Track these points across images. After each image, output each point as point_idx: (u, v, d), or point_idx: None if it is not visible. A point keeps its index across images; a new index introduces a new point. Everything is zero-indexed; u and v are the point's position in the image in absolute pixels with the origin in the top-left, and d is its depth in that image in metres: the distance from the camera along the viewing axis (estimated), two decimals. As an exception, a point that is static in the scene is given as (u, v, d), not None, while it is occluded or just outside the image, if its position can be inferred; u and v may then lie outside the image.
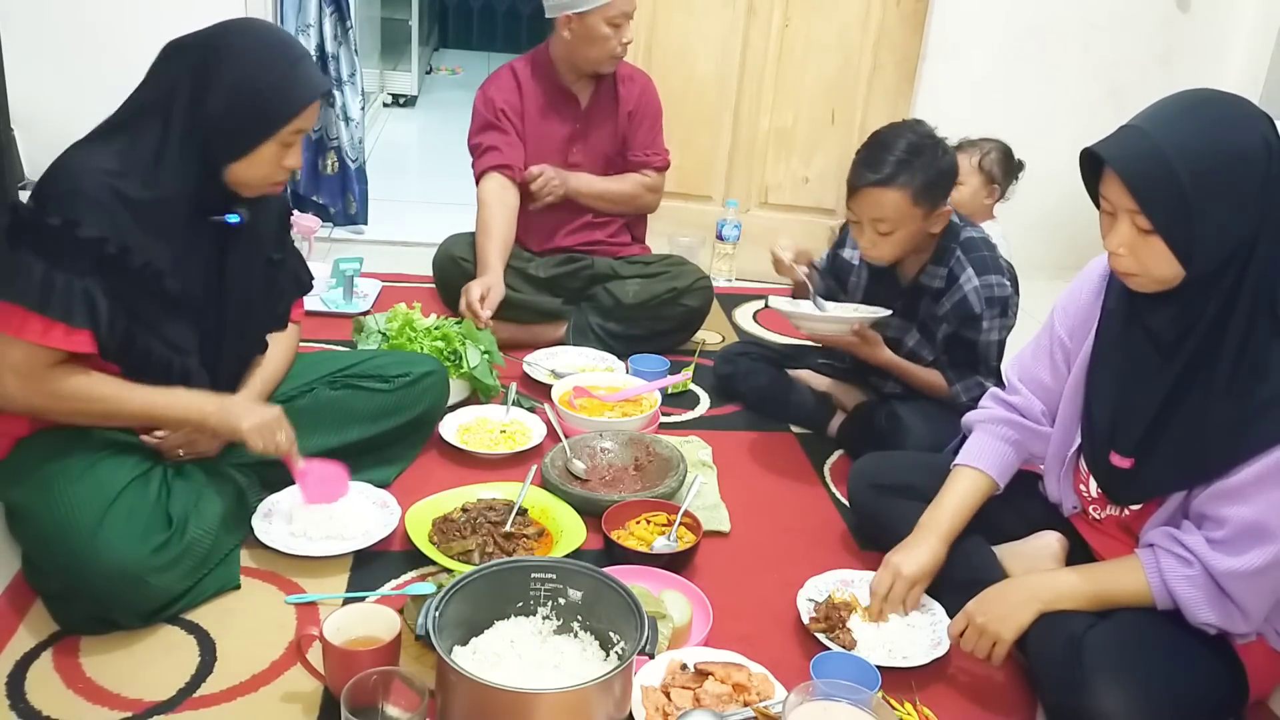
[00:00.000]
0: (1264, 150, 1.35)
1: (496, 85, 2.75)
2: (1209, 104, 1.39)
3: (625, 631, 1.44)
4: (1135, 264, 1.43)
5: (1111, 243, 1.44)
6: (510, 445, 2.22)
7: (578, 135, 2.79)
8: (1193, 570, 1.45)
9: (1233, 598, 1.43)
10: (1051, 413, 1.73)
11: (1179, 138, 1.35)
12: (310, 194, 3.63)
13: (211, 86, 1.60)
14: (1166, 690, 1.43)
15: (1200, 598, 1.45)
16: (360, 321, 2.44)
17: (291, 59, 1.66)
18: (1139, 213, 1.38)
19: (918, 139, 2.06)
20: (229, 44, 1.63)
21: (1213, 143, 1.35)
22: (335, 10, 3.51)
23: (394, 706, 1.36)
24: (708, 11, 3.38)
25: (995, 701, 1.63)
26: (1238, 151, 1.35)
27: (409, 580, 1.79)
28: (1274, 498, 1.38)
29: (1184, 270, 1.40)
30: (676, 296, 2.79)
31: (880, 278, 2.27)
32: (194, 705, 1.48)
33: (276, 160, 1.67)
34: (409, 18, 6.19)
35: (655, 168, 2.87)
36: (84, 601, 1.57)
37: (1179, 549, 1.47)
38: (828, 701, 1.31)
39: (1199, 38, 3.51)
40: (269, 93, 1.62)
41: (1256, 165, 1.35)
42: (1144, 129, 1.38)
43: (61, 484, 1.60)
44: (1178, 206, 1.35)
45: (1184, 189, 1.34)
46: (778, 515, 2.12)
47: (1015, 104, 3.54)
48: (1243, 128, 1.36)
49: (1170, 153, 1.34)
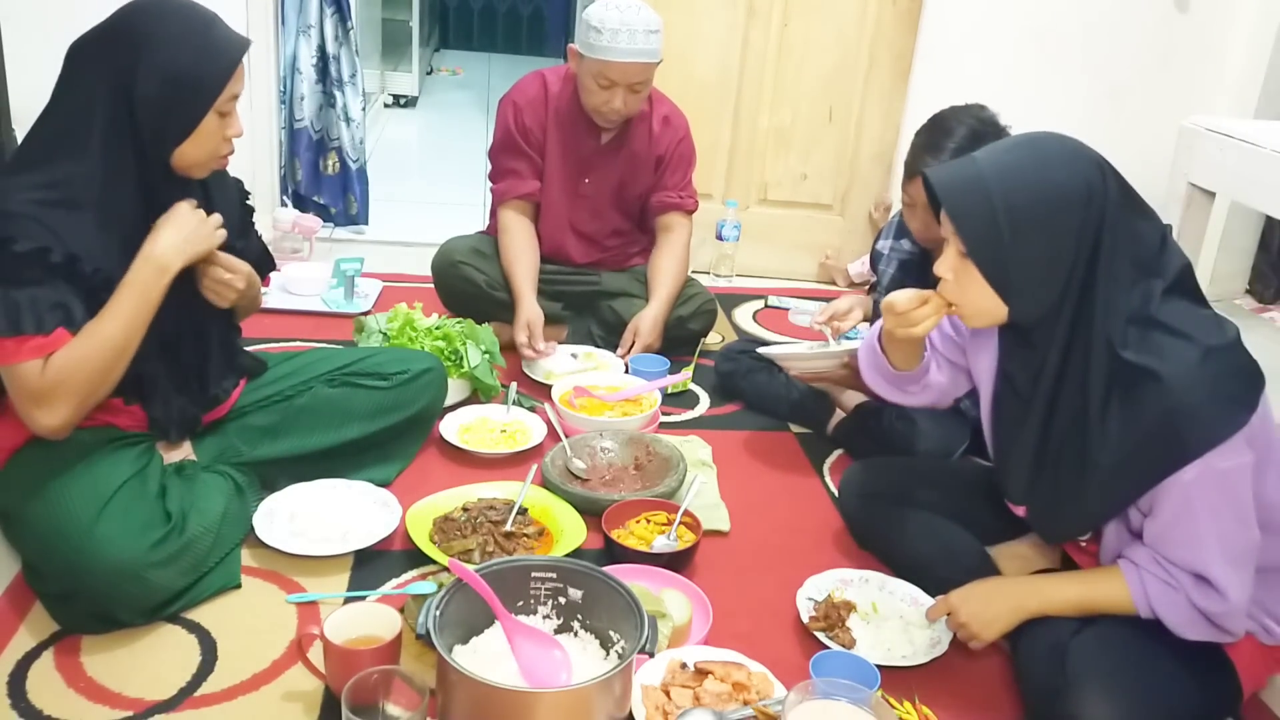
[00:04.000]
0: (1084, 192, 1.37)
1: (525, 96, 2.65)
2: (1039, 143, 1.43)
3: (625, 630, 1.45)
4: (958, 292, 1.47)
5: (939, 267, 1.48)
6: (511, 445, 2.22)
7: (593, 167, 2.69)
8: (1178, 596, 1.43)
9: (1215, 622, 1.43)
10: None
11: (1001, 168, 1.40)
12: (311, 194, 3.63)
13: (138, 77, 1.56)
14: (1152, 698, 1.41)
15: (1187, 619, 1.44)
16: (361, 321, 2.45)
17: (205, 25, 1.62)
18: (956, 234, 1.42)
19: (980, 125, 2.03)
20: (141, 30, 1.58)
21: (1032, 177, 1.38)
22: (336, 11, 3.52)
23: (395, 705, 1.36)
24: (708, 12, 3.39)
25: (994, 700, 1.64)
26: (1055, 189, 1.38)
27: (410, 579, 1.79)
28: (1197, 530, 1.39)
29: (1005, 304, 1.43)
30: (683, 321, 2.77)
31: (907, 269, 2.28)
32: (195, 704, 1.48)
33: (219, 132, 1.64)
34: (410, 18, 6.18)
35: (687, 210, 2.78)
36: (84, 600, 1.57)
37: (1165, 575, 1.45)
38: (827, 700, 1.31)
39: (1197, 38, 3.51)
40: (197, 66, 1.58)
41: (1074, 206, 1.37)
42: (975, 158, 1.43)
43: (57, 485, 1.60)
44: (989, 231, 1.38)
45: (996, 214, 1.37)
46: (777, 514, 2.13)
47: (1013, 103, 3.50)
48: (1066, 169, 1.39)
49: (990, 180, 1.39)
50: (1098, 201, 1.38)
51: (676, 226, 2.77)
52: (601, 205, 2.74)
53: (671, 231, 2.77)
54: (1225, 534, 1.38)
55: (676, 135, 2.71)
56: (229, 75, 1.62)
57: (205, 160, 1.67)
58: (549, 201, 2.70)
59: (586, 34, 2.45)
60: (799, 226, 3.64)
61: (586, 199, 2.72)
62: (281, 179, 3.59)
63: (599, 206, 2.74)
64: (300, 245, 3.31)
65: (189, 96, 1.60)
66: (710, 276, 3.53)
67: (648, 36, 2.43)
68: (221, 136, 1.66)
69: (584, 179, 2.70)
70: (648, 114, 2.68)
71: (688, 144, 2.75)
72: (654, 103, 2.69)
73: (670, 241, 2.76)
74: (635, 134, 2.67)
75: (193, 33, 1.60)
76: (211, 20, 1.64)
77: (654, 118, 2.69)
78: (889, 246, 2.36)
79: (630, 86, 2.48)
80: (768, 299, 3.42)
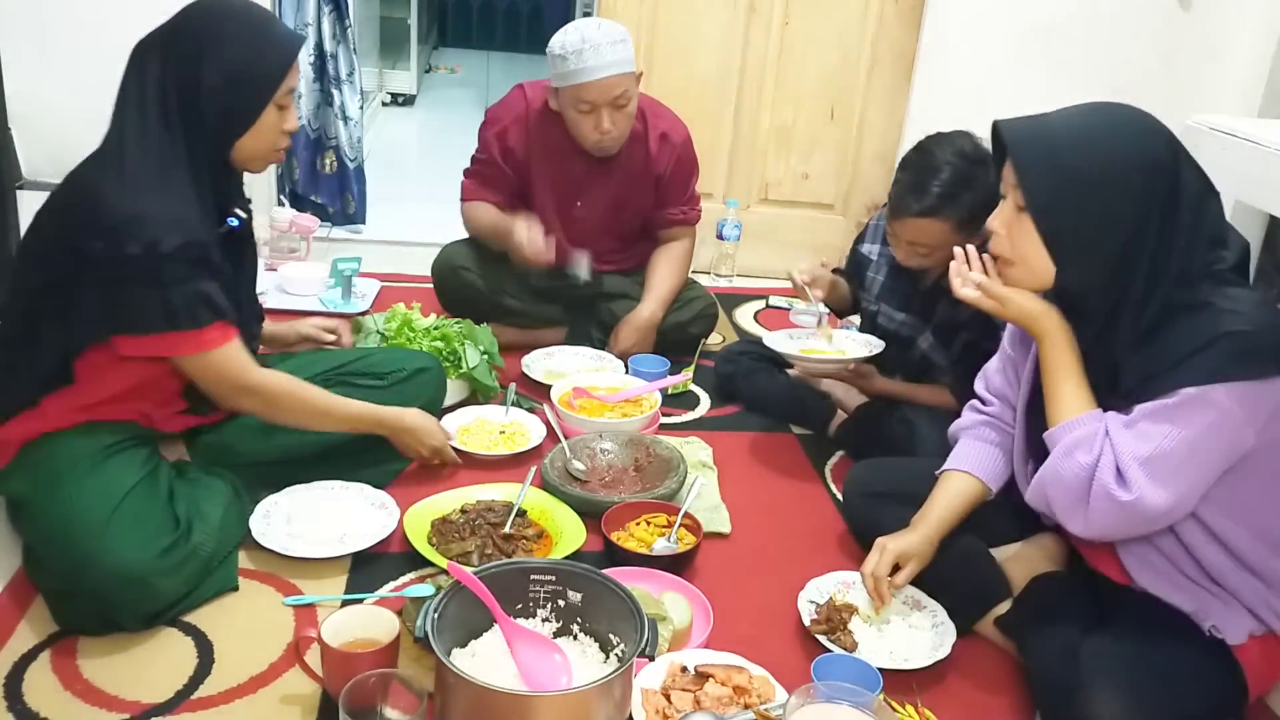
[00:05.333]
0: (1151, 163, 1.38)
1: (509, 114, 2.59)
2: (1114, 111, 1.44)
3: (625, 634, 1.44)
4: (1010, 247, 1.48)
5: (993, 221, 1.49)
6: (510, 446, 2.21)
7: (584, 190, 2.63)
8: (1088, 459, 1.41)
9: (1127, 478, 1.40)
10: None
11: (1073, 129, 1.42)
12: (309, 193, 3.62)
13: (202, 74, 1.63)
14: (1163, 699, 1.42)
15: (1073, 476, 1.42)
16: (359, 321, 2.43)
17: (263, 23, 1.71)
18: (1017, 186, 1.42)
19: (965, 165, 1.98)
20: (202, 29, 1.65)
21: (1103, 142, 1.40)
22: (334, 9, 3.51)
23: (393, 709, 1.35)
24: (709, 10, 3.38)
25: (997, 704, 1.63)
26: (1123, 157, 1.39)
27: (408, 582, 1.78)
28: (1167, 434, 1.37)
29: (1053, 265, 1.43)
30: (682, 326, 2.77)
31: (899, 276, 2.26)
32: (192, 707, 1.47)
33: (278, 125, 1.72)
34: (408, 16, 6.18)
35: (690, 223, 2.75)
36: (85, 600, 1.56)
37: (1096, 440, 1.42)
38: (829, 704, 1.30)
39: (1201, 36, 3.50)
40: (256, 62, 1.66)
41: (1135, 177, 1.38)
42: (1049, 116, 1.44)
43: (70, 481, 1.60)
44: (1052, 187, 1.40)
45: (1060, 170, 1.39)
46: (779, 516, 2.12)
47: (1014, 102, 3.48)
48: (1137, 140, 1.40)
49: (1060, 138, 1.41)
50: (1165, 175, 1.38)
51: (680, 236, 2.77)
52: (597, 226, 2.70)
53: (674, 240, 2.77)
54: (1181, 453, 1.36)
55: (675, 151, 2.65)
56: (286, 70, 1.69)
57: (264, 153, 1.74)
58: (541, 222, 2.63)
59: (555, 65, 2.41)
60: (800, 226, 3.63)
61: (581, 220, 2.68)
62: (279, 178, 3.58)
63: (594, 228, 2.70)
64: (297, 245, 3.29)
65: (250, 91, 1.67)
66: (711, 276, 3.52)
67: (614, 48, 2.38)
68: (280, 130, 1.73)
69: (576, 202, 2.66)
70: (642, 133, 2.61)
71: (689, 157, 2.70)
72: (650, 119, 2.62)
73: (671, 248, 2.76)
74: (630, 154, 2.60)
75: (251, 30, 1.67)
76: (268, 18, 1.74)
77: (650, 136, 2.62)
78: (877, 252, 2.33)
79: (612, 103, 2.42)
80: (769, 299, 3.41)
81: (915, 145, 2.09)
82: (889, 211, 2.09)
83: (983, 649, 1.73)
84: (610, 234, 2.74)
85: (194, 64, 1.62)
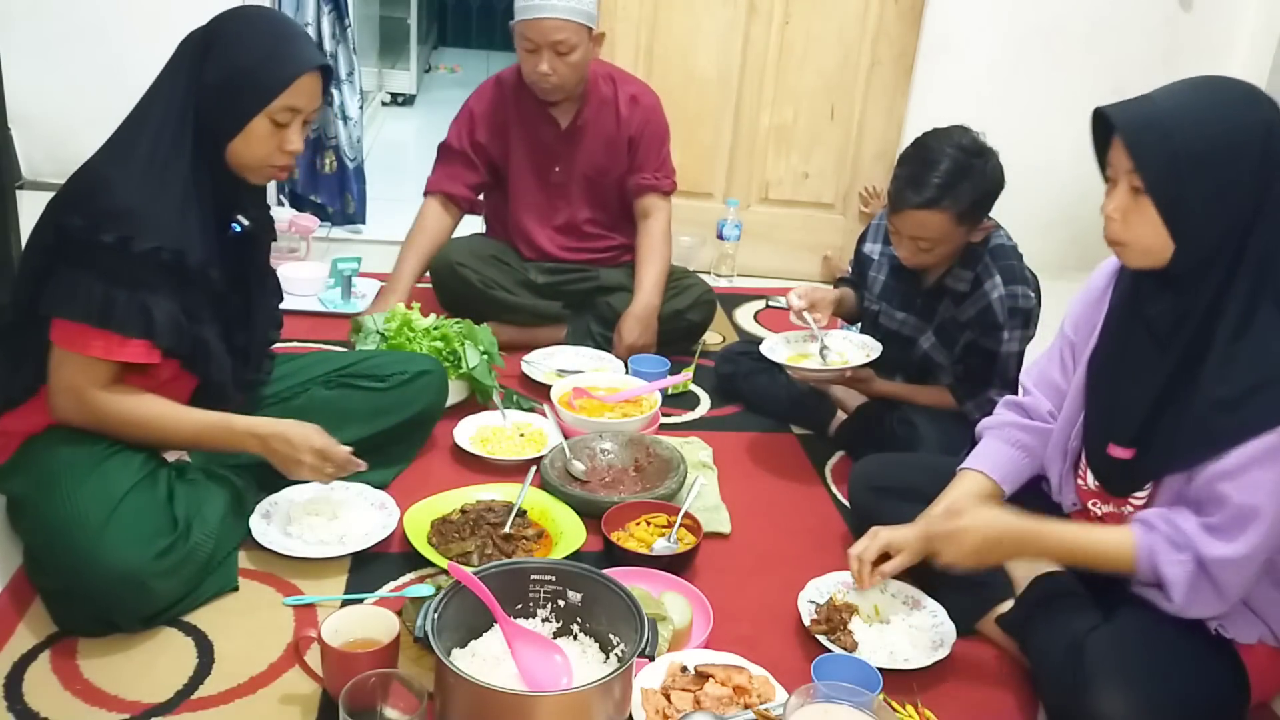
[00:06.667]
0: (1262, 131, 1.38)
1: (481, 101, 2.71)
2: (1218, 83, 1.44)
3: (625, 634, 1.44)
4: (1125, 230, 1.46)
5: (1106, 206, 1.48)
6: (535, 449, 2.19)
7: (559, 156, 2.71)
8: (1184, 555, 1.43)
9: (1217, 583, 1.42)
10: (1059, 411, 1.73)
11: (1181, 106, 1.41)
12: (308, 193, 3.62)
13: (207, 66, 1.65)
14: (1168, 693, 1.43)
15: (1184, 582, 1.43)
16: (358, 321, 2.43)
17: (282, 35, 1.69)
18: (1133, 171, 1.41)
19: (964, 157, 2.00)
20: (225, 27, 1.68)
21: (1212, 114, 1.39)
22: (333, 8, 3.50)
23: (393, 709, 1.35)
24: (708, 10, 3.38)
25: (997, 704, 1.63)
26: (1235, 127, 1.38)
27: (408, 582, 1.78)
28: (1263, 479, 1.37)
29: (1172, 243, 1.42)
30: (680, 314, 2.77)
31: (901, 275, 2.26)
32: (192, 707, 1.47)
33: (272, 139, 1.68)
34: (407, 16, 6.17)
35: (664, 191, 2.78)
36: (84, 601, 1.56)
37: (1174, 532, 1.45)
38: (829, 704, 1.30)
39: (1202, 36, 3.50)
40: (258, 66, 1.65)
41: (1252, 145, 1.37)
42: (1152, 97, 1.44)
43: (68, 481, 1.59)
44: (1169, 165, 1.39)
45: (1176, 149, 1.38)
46: (778, 517, 2.12)
47: (1015, 101, 3.53)
48: (1245, 108, 1.40)
49: (1170, 116, 1.40)
50: (1276, 145, 1.38)
51: (655, 210, 2.77)
52: (574, 193, 2.76)
53: (650, 217, 2.78)
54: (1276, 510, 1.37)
55: (646, 114, 2.72)
56: (286, 84, 1.65)
57: (256, 165, 1.71)
58: (521, 194, 2.73)
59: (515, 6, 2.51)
60: (800, 226, 3.63)
61: (558, 187, 2.74)
62: (279, 178, 3.57)
63: (572, 195, 2.76)
64: (297, 245, 3.29)
65: (241, 93, 1.65)
66: (711, 276, 3.51)
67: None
68: (275, 145, 1.69)
69: (553, 168, 2.72)
70: (612, 97, 2.69)
71: (659, 120, 2.76)
72: (618, 83, 2.71)
73: (649, 229, 2.77)
74: (601, 117, 2.69)
75: (265, 37, 1.67)
76: (292, 34, 1.72)
77: (620, 99, 2.70)
78: (879, 251, 2.34)
79: (553, 48, 2.47)
80: (769, 299, 3.41)
81: (914, 140, 2.10)
82: (889, 206, 2.10)
83: (983, 649, 1.73)
84: (589, 201, 2.78)
85: (204, 57, 1.65)
